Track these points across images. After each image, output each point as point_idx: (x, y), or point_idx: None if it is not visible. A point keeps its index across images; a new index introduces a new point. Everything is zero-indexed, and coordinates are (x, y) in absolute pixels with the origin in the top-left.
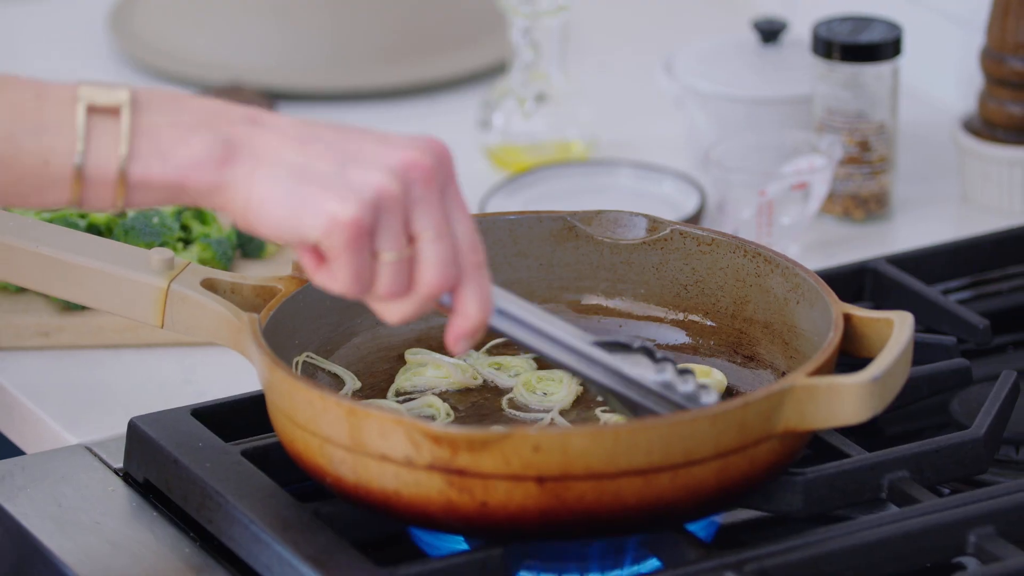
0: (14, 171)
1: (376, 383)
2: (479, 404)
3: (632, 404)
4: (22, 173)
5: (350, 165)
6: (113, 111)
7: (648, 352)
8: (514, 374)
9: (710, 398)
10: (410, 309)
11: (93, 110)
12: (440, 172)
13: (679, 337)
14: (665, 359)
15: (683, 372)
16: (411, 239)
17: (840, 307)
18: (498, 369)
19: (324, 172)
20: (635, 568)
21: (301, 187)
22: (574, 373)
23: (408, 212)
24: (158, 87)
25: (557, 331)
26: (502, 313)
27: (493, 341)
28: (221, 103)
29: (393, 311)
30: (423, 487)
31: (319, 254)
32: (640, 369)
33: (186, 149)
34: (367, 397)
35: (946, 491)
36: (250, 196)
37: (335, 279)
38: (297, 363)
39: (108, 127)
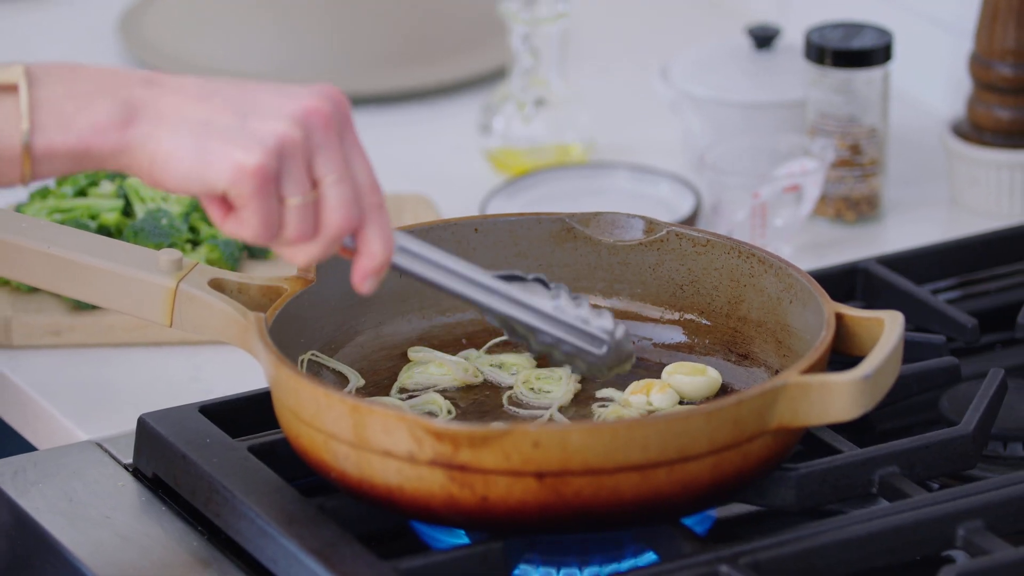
0: None
1: (379, 381)
2: (480, 401)
3: (530, 329)
4: None
5: (251, 116)
6: (11, 88)
7: (542, 282)
8: (514, 372)
9: (603, 321)
10: (317, 251)
11: None
12: (337, 118)
13: (675, 336)
14: (558, 287)
15: (576, 297)
16: (314, 183)
17: (832, 307)
18: (499, 368)
19: (226, 125)
20: (632, 561)
21: (205, 140)
22: (475, 304)
23: (310, 157)
24: (53, 61)
25: (457, 265)
26: (404, 251)
27: (493, 340)
28: (118, 69)
29: (300, 254)
30: (425, 482)
31: (227, 204)
32: (536, 296)
33: (87, 116)
34: (371, 394)
35: (935, 486)
36: (155, 153)
37: (245, 226)
38: (302, 361)
39: (8, 105)
